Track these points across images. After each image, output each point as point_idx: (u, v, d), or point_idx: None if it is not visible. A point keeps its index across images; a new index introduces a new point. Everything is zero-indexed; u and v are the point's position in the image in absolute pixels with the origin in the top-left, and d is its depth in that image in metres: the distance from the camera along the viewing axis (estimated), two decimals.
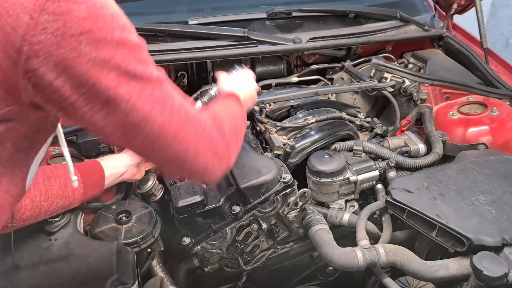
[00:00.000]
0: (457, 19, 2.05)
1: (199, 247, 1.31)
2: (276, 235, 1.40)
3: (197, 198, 1.24)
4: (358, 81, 1.69)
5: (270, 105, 1.54)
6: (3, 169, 0.68)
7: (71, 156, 1.31)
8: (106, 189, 1.21)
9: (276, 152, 1.41)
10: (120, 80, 0.63)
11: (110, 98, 0.63)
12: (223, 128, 0.88)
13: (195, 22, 1.69)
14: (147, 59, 0.68)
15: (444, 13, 2.01)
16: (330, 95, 1.69)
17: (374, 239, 1.28)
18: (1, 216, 0.70)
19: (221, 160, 0.86)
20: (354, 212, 1.38)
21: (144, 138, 0.71)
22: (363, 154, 1.41)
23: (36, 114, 0.67)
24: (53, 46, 0.56)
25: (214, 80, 1.72)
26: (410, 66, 1.89)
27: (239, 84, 1.19)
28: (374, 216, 1.33)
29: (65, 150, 0.82)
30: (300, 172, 1.38)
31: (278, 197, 1.28)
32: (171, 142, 0.74)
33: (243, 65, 1.45)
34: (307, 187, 1.36)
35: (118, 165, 1.23)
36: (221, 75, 1.23)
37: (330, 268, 1.59)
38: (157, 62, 0.79)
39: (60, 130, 0.79)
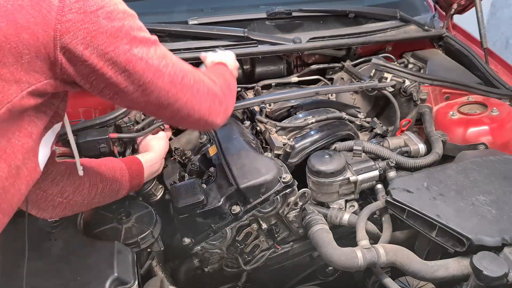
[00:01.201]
0: (457, 19, 2.05)
1: (199, 247, 1.31)
2: (276, 235, 1.40)
3: (197, 198, 1.24)
4: (358, 81, 1.69)
5: (270, 105, 1.54)
6: (32, 144, 0.76)
7: (69, 156, 1.32)
8: None
9: (276, 152, 1.41)
10: (131, 44, 0.76)
11: (128, 60, 0.76)
12: (213, 78, 1.02)
13: (195, 22, 1.69)
14: (143, 25, 0.82)
15: (444, 13, 2.01)
16: (330, 95, 1.69)
17: (374, 239, 1.28)
18: (20, 187, 0.76)
19: (220, 103, 1.00)
20: (354, 212, 1.38)
21: (160, 91, 0.83)
22: (363, 154, 1.41)
23: (63, 91, 0.79)
24: (79, 23, 0.70)
25: None
26: (410, 66, 1.89)
27: (223, 57, 1.29)
28: (374, 216, 1.33)
29: (71, 137, 0.97)
30: (300, 172, 1.38)
31: (278, 197, 1.28)
32: (180, 89, 0.87)
33: (222, 48, 1.50)
34: (307, 187, 1.36)
35: (153, 158, 1.30)
36: (207, 54, 1.32)
37: (330, 268, 1.59)
38: None
39: (67, 122, 0.93)
